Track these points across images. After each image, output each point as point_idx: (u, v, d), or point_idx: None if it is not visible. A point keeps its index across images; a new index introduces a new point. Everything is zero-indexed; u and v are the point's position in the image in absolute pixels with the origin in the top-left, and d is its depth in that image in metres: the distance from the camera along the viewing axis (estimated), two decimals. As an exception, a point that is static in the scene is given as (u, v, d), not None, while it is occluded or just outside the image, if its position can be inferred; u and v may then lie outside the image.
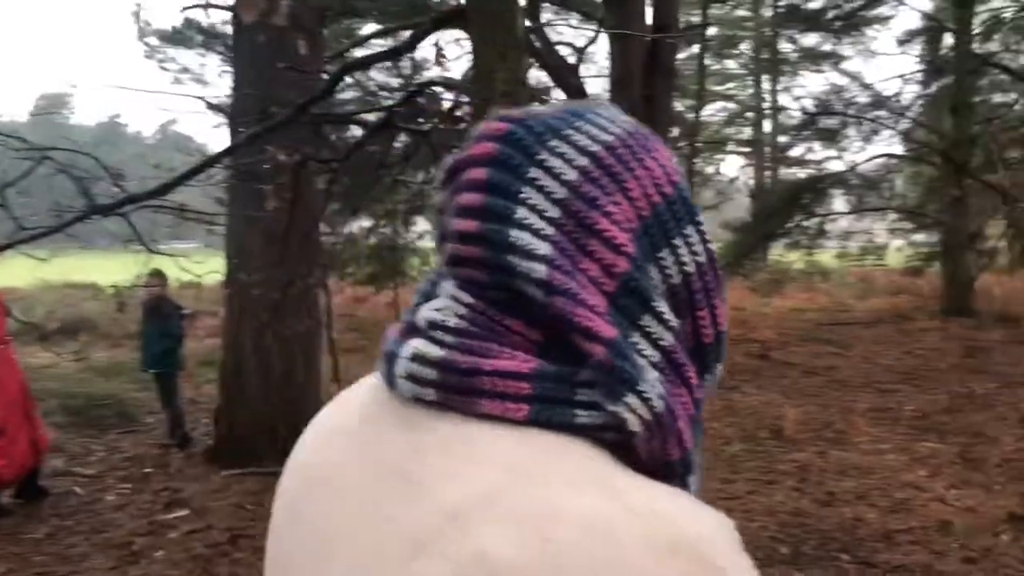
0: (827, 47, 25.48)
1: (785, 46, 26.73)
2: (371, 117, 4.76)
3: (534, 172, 0.65)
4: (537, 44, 14.68)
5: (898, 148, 18.37)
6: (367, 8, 14.59)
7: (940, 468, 5.99)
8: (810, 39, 25.25)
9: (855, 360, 11.15)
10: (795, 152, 26.63)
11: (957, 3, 15.73)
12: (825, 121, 20.42)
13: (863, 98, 18.82)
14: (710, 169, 28.57)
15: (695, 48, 21.94)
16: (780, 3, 24.41)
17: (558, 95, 15.67)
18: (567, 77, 14.44)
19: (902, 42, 20.28)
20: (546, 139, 0.66)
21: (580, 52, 16.58)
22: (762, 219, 17.28)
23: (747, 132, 29.42)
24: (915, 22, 20.44)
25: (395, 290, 14.33)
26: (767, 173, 28.01)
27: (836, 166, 21.93)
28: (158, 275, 7.56)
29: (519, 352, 0.62)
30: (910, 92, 18.18)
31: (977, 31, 16.34)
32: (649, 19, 14.20)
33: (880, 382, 9.52)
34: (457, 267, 0.66)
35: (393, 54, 3.72)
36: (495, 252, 0.63)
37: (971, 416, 7.85)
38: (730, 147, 29.23)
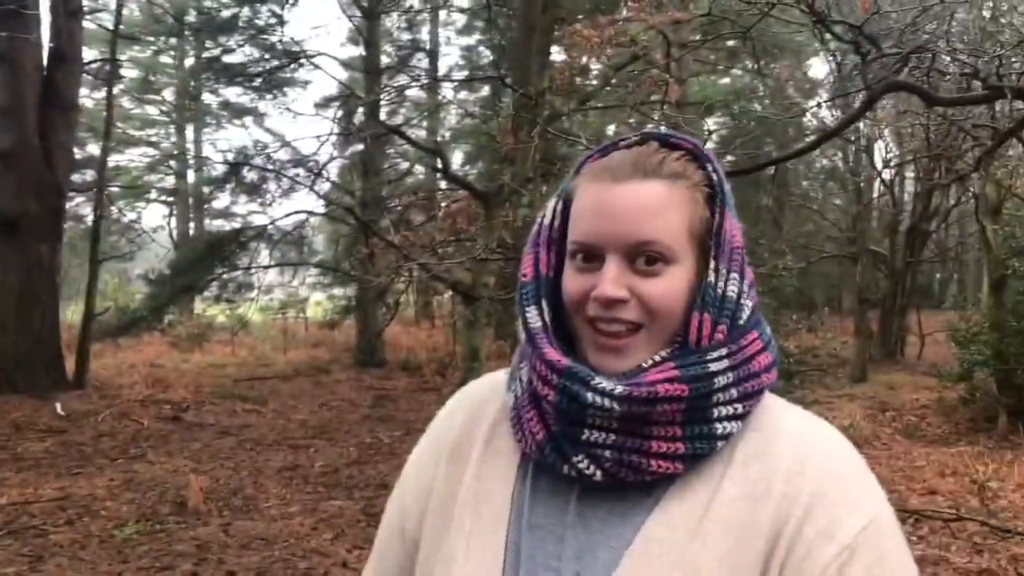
0: (249, 103, 25.80)
1: (209, 97, 26.35)
2: None
3: None
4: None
5: (317, 206, 19.09)
6: None
7: (344, 528, 5.89)
8: (232, 93, 25.31)
9: (270, 416, 10.96)
10: (220, 204, 26.34)
11: (366, 73, 16.94)
12: (247, 175, 20.40)
13: (283, 155, 19.19)
14: (131, 216, 26.77)
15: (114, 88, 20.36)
16: (202, 54, 24.07)
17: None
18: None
19: (319, 106, 21.24)
20: None
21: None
22: (183, 271, 16.47)
23: (170, 181, 28.22)
24: (332, 89, 21.59)
25: None
26: (191, 224, 27.16)
27: (261, 220, 22.08)
28: None
29: None
30: (327, 153, 18.98)
31: (384, 103, 17.74)
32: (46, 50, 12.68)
33: (294, 438, 9.40)
34: None
35: None
36: None
37: (377, 467, 8.05)
38: (153, 195, 27.79)
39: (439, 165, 8.81)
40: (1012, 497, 6.79)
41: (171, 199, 27.73)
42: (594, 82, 13.41)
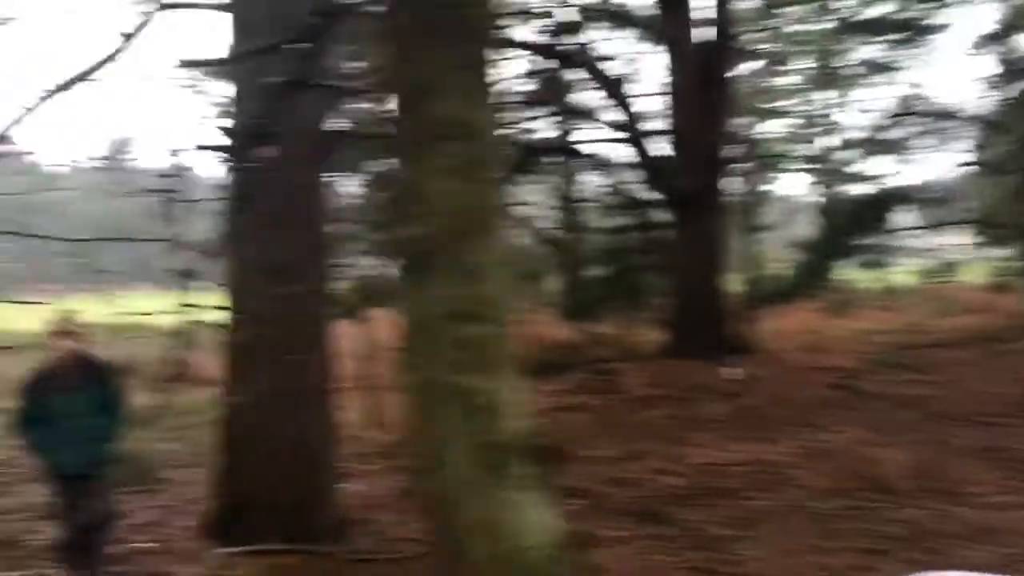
0: (885, 57, 24.26)
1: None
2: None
3: None
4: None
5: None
6: None
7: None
8: (870, 50, 24.04)
9: (947, 388, 9.87)
10: (860, 167, 25.37)
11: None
12: (892, 133, 19.24)
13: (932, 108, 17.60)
14: (775, 186, 27.20)
15: (753, 64, 20.91)
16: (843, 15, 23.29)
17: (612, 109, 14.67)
18: (617, 90, 13.51)
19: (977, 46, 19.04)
20: None
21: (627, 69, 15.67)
22: (831, 238, 16.08)
23: (811, 148, 27.99)
24: (979, 28, 19.09)
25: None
26: (833, 189, 26.61)
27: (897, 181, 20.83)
28: (70, 321, 4.77)
29: None
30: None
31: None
32: (703, 33, 13.25)
33: (985, 415, 8.27)
34: None
35: None
36: None
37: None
38: (792, 164, 27.95)
39: None
40: None
41: (814, 166, 27.53)
42: None
